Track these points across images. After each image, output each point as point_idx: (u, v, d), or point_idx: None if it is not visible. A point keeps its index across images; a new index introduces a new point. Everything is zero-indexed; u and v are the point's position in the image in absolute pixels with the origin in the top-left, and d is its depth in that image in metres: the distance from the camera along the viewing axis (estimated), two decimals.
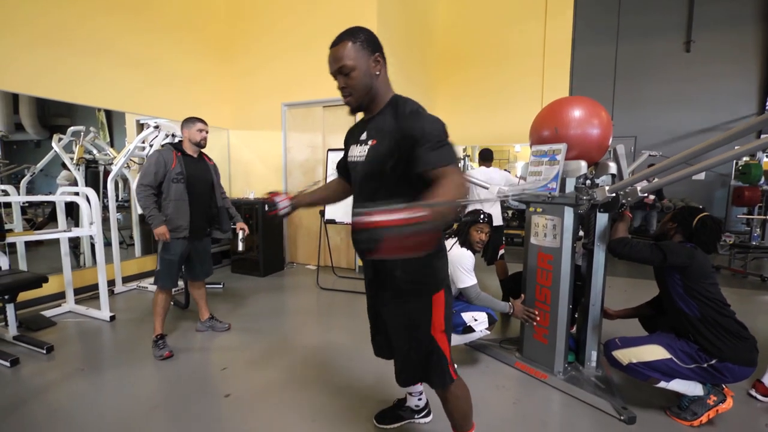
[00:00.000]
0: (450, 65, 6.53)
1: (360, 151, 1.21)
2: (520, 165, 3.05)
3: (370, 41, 1.14)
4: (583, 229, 2.21)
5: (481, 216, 2.20)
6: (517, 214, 5.97)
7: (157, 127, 3.56)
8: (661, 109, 7.16)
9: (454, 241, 2.22)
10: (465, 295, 2.17)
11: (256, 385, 2.08)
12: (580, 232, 2.27)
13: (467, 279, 2.11)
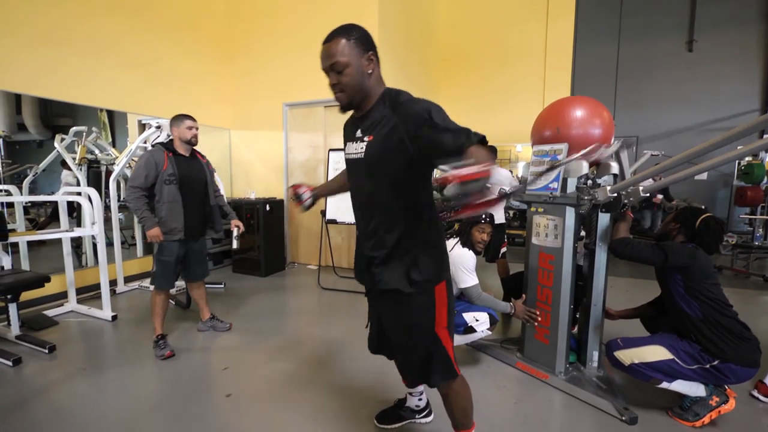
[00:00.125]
0: (451, 65, 6.53)
1: (356, 149, 1.20)
2: (522, 165, 3.04)
3: (364, 39, 1.14)
4: (585, 229, 2.20)
5: (482, 216, 2.18)
6: (519, 214, 5.96)
7: (158, 127, 3.57)
8: (663, 109, 7.15)
9: (455, 241, 2.20)
10: (466, 296, 2.17)
11: (257, 384, 2.09)
12: (582, 232, 2.27)
13: (469, 279, 2.11)
